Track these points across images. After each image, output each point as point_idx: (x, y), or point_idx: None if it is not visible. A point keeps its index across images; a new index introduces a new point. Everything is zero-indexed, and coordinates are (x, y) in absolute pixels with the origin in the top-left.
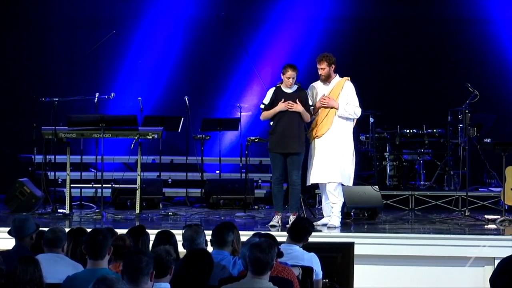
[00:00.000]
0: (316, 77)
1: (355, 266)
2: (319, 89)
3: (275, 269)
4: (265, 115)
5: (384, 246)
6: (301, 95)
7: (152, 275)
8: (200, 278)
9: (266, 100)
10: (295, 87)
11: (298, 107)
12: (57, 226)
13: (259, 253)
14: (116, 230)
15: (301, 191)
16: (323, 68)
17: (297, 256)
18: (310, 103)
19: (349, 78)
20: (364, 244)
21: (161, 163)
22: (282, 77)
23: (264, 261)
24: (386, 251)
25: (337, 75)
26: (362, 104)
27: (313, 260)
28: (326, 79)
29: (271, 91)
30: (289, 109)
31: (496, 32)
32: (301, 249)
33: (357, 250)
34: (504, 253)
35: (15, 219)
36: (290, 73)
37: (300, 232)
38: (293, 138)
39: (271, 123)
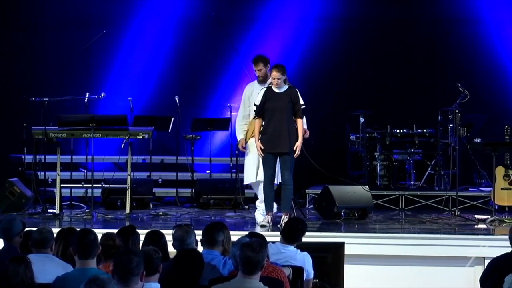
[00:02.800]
0: (306, 77)
1: (345, 266)
2: (256, 89)
3: (266, 269)
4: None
5: (374, 246)
6: (291, 94)
7: (143, 275)
8: (190, 278)
9: (257, 101)
10: (285, 87)
11: (298, 152)
12: (44, 226)
13: (250, 253)
14: (106, 230)
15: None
16: (260, 69)
17: (290, 255)
18: (301, 102)
19: None
20: (354, 244)
21: (151, 163)
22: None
23: (255, 260)
24: (376, 251)
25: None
26: (352, 104)
27: (305, 260)
28: (264, 80)
29: (261, 92)
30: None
31: (486, 32)
32: (295, 248)
33: (347, 250)
34: (494, 253)
35: (1, 220)
36: (274, 73)
37: (293, 233)
38: (284, 138)
39: (263, 123)
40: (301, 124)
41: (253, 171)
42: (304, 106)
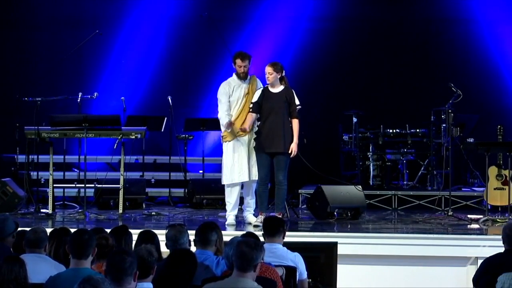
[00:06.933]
0: (299, 76)
1: (338, 266)
2: (237, 85)
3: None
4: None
5: (367, 245)
6: (287, 94)
7: (136, 275)
8: (183, 278)
9: (254, 99)
10: (281, 87)
11: (294, 152)
12: (38, 227)
13: (245, 248)
14: None
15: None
16: (245, 65)
17: (281, 255)
18: (297, 102)
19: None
20: (347, 243)
21: (144, 163)
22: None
23: (249, 256)
24: (369, 251)
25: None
26: (344, 104)
27: (297, 260)
28: (245, 77)
29: (258, 92)
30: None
31: (479, 32)
32: (284, 248)
33: (340, 250)
34: (487, 253)
35: None
36: (266, 68)
37: (274, 229)
38: (279, 138)
39: (258, 123)
40: (297, 124)
41: (236, 171)
42: (300, 107)
